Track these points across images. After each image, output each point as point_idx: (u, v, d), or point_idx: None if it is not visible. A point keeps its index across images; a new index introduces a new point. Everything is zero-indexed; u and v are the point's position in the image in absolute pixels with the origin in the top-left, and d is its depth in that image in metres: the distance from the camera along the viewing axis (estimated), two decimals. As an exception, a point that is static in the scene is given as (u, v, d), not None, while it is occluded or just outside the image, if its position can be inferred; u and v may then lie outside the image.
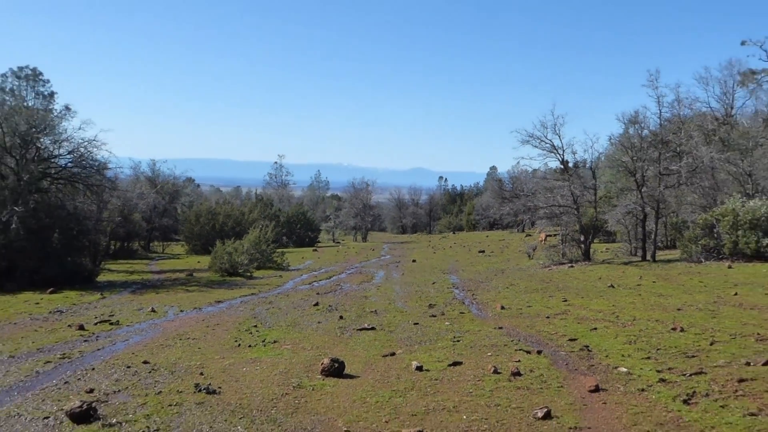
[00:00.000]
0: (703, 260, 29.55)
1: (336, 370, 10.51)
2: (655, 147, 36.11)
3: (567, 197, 37.16)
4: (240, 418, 8.33)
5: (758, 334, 12.14)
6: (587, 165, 41.24)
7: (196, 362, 12.03)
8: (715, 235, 29.92)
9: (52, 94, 37.20)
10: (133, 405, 9.11)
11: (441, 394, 9.05)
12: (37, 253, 28.33)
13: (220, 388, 9.90)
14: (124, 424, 8.23)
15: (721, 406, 7.86)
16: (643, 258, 34.26)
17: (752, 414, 7.51)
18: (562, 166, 38.89)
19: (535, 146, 38.04)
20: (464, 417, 7.97)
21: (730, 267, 26.22)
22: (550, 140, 37.85)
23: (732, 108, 51.51)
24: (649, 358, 10.72)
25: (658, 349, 11.32)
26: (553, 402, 8.41)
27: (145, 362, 12.05)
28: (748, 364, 9.84)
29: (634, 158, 35.58)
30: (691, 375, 9.40)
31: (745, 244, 27.76)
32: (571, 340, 12.82)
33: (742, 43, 54.03)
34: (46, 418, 8.60)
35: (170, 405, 9.03)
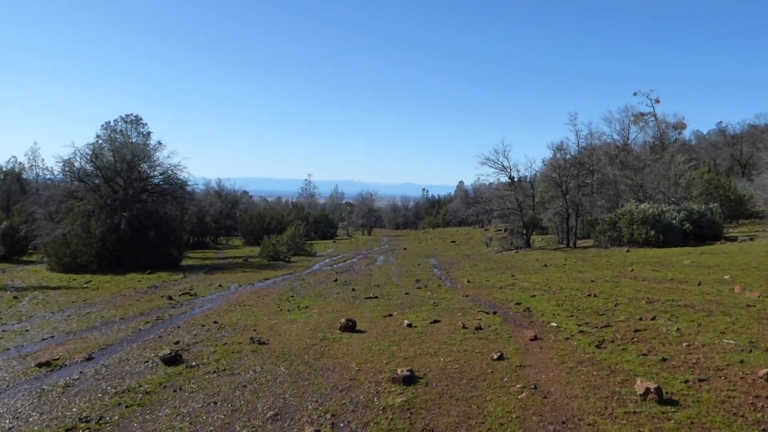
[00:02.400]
0: (609, 246, 29.55)
1: (350, 327, 10.49)
2: (575, 167, 36.21)
3: (513, 203, 37.27)
4: (282, 361, 8.32)
5: (648, 298, 12.12)
6: (528, 179, 41.26)
7: (251, 322, 12.01)
8: (617, 229, 29.93)
9: (149, 133, 37.14)
10: (206, 352, 9.10)
11: (425, 343, 9.03)
12: (139, 245, 28.42)
13: (268, 340, 9.89)
14: (200, 365, 8.23)
15: (622, 349, 7.85)
16: (567, 245, 34.27)
17: (644, 354, 7.51)
18: (509, 181, 38.93)
19: (491, 166, 38.24)
20: (442, 359, 7.96)
21: (627, 251, 26.22)
22: (501, 162, 37.98)
23: (628, 139, 51.79)
24: (572, 316, 10.70)
25: (578, 310, 11.29)
26: (505, 348, 8.39)
27: (215, 322, 12.03)
28: (640, 319, 9.83)
29: (560, 175, 35.64)
30: (601, 327, 9.38)
31: (638, 235, 27.78)
32: (517, 303, 12.78)
33: (635, 94, 54.61)
34: (146, 361, 8.61)
35: (233, 352, 9.03)
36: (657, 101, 53.47)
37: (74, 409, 6.43)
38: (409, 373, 6.92)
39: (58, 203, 30.73)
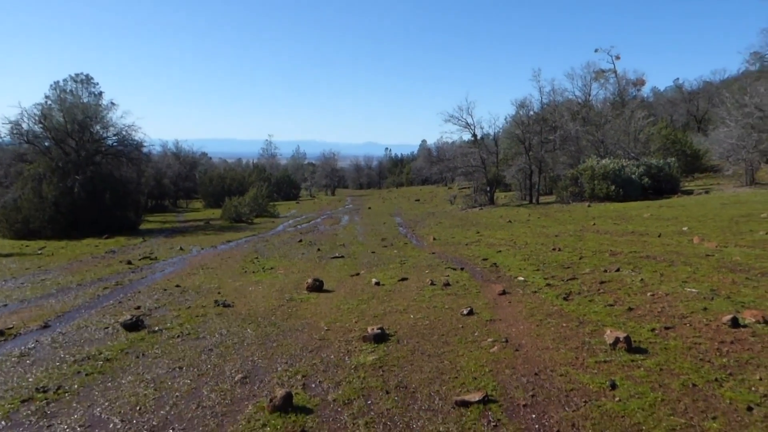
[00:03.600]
0: (571, 202, 30.07)
1: (317, 286, 10.36)
2: (538, 123, 36.46)
3: (477, 160, 37.39)
4: (249, 323, 8.14)
5: (611, 250, 12.31)
6: (491, 137, 41.34)
7: (215, 285, 11.76)
8: (579, 184, 30.44)
9: (100, 93, 35.61)
10: (169, 317, 8.85)
11: (394, 301, 8.97)
12: (95, 209, 27.55)
13: (233, 302, 9.68)
14: (164, 330, 7.99)
15: (589, 300, 7.93)
16: (530, 201, 34.73)
17: (610, 305, 7.60)
18: (473, 138, 38.98)
19: (455, 123, 38.21)
20: (411, 316, 7.90)
21: (589, 206, 26.70)
22: (465, 119, 37.91)
23: (590, 95, 52.29)
24: (538, 270, 10.79)
25: (544, 264, 11.40)
26: (474, 303, 8.39)
27: (177, 286, 11.74)
28: (605, 271, 9.96)
29: (524, 131, 35.83)
30: (567, 280, 9.48)
31: (599, 190, 28.31)
32: (484, 259, 12.85)
33: (596, 51, 54.95)
34: (106, 328, 8.31)
35: (197, 316, 8.80)
36: (617, 58, 53.96)
37: (31, 379, 6.14)
38: (379, 331, 6.83)
39: (6, 167, 29.40)
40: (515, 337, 6.53)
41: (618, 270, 9.90)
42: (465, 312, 7.75)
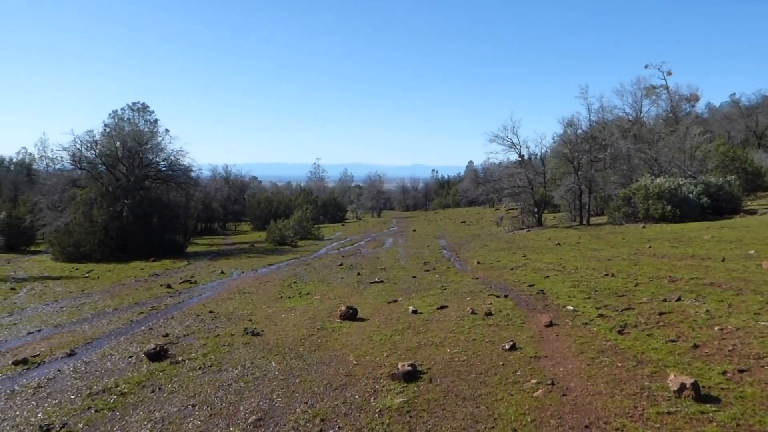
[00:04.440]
0: (624, 223, 28.62)
1: (350, 315, 9.77)
2: (586, 142, 35.24)
3: (524, 180, 36.36)
4: (275, 355, 7.61)
5: (670, 276, 11.29)
6: (538, 156, 40.20)
7: (248, 311, 11.34)
8: (632, 205, 28.98)
9: (156, 121, 36.77)
10: (196, 345, 8.44)
11: (430, 332, 8.28)
12: (143, 233, 27.94)
13: (262, 331, 9.19)
14: (187, 360, 7.57)
15: (647, 335, 7.07)
16: (580, 223, 33.36)
17: (672, 340, 6.73)
18: (519, 158, 37.95)
19: (500, 143, 37.26)
20: (448, 350, 7.20)
21: (644, 227, 25.29)
22: (510, 139, 36.98)
23: (641, 112, 50.51)
24: (589, 298, 9.90)
25: (595, 291, 10.49)
26: (518, 336, 7.62)
27: (210, 312, 11.38)
28: (665, 300, 9.03)
29: (572, 150, 34.66)
30: (622, 310, 8.59)
31: (654, 210, 26.85)
32: (530, 285, 11.98)
33: (646, 66, 53.14)
34: (130, 357, 7.97)
35: (224, 345, 8.35)
36: (669, 73, 51.97)
37: (39, 415, 5.77)
38: (410, 368, 6.18)
39: (61, 192, 30.25)
40: (563, 379, 5.75)
41: (679, 299, 8.94)
42: (507, 346, 7.00)
